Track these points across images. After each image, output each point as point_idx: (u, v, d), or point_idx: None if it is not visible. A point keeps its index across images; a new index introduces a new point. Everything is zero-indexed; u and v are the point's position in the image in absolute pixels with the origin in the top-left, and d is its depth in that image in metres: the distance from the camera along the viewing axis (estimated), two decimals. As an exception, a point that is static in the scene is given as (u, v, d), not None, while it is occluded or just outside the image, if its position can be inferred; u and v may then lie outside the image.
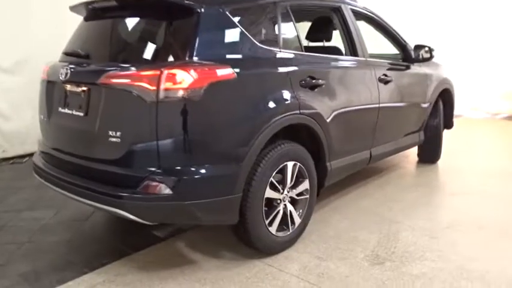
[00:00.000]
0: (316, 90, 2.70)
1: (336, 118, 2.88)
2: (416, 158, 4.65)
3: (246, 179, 2.30)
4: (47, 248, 2.73)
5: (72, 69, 2.37)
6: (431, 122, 4.27)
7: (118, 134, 2.15)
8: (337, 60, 3.12)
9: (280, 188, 2.53)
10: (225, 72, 2.17)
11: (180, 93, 2.05)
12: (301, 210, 2.72)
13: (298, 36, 2.77)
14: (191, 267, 2.47)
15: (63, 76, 2.38)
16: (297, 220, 2.69)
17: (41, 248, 2.73)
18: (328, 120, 2.79)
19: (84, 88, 2.32)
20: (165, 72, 2.04)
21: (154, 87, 2.04)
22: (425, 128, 4.23)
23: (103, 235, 3.03)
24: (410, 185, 3.96)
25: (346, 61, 3.19)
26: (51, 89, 2.59)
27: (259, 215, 2.40)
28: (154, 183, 2.08)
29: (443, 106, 4.38)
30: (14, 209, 3.33)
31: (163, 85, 2.03)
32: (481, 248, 2.70)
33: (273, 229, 2.52)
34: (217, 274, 2.40)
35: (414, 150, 4.57)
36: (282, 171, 2.53)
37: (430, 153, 4.49)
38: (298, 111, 2.52)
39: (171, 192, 2.07)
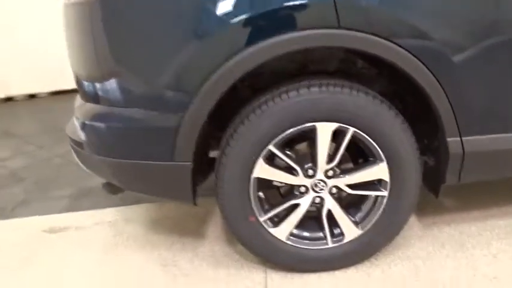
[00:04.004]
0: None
1: (488, 47, 1.28)
2: None
3: (205, 143, 1.37)
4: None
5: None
6: None
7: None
8: None
9: (301, 170, 1.40)
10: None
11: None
12: (361, 215, 1.48)
13: None
14: (193, 241, 1.81)
15: None
16: (351, 230, 1.48)
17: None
18: (455, 53, 1.26)
19: None
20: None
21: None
22: None
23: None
24: None
25: None
26: None
27: (239, 204, 1.42)
28: (78, 124, 1.51)
29: None
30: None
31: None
32: None
33: (279, 232, 1.48)
34: (198, 266, 1.65)
35: None
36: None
37: None
38: (334, 25, 1.21)
39: (84, 139, 1.46)
